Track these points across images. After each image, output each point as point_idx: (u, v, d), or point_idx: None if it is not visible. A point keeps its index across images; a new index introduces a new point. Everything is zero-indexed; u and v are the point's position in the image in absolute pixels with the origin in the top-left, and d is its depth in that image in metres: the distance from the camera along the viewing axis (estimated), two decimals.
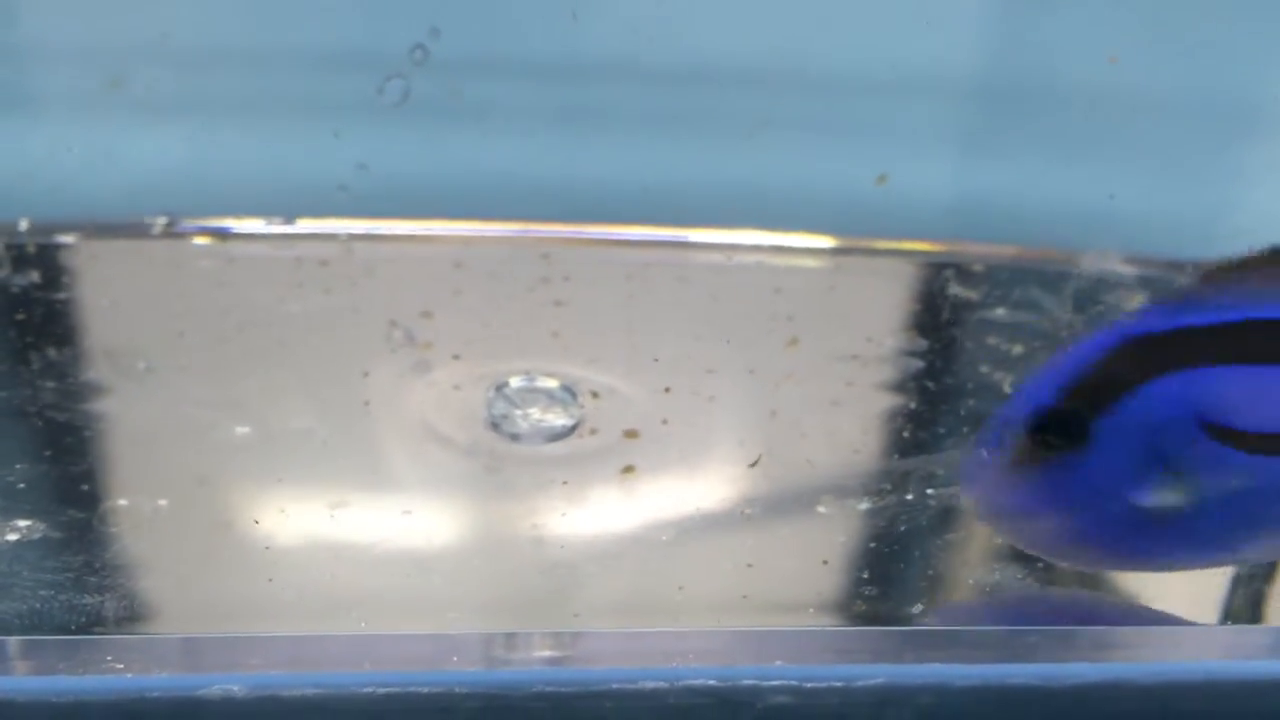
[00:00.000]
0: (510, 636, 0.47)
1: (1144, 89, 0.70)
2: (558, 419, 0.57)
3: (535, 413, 0.57)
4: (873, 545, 0.53)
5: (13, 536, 0.51)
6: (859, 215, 0.71)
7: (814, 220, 0.71)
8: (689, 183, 0.71)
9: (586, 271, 0.68)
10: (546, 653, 0.47)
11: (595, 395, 0.59)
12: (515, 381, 0.59)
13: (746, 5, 0.69)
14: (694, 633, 0.49)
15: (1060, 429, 0.47)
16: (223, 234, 0.70)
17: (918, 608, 0.51)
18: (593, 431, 0.57)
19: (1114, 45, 0.70)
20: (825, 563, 0.52)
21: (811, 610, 0.51)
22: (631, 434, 0.57)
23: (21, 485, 0.53)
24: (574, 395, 0.58)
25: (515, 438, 0.56)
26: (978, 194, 0.73)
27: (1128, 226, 0.71)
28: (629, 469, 0.55)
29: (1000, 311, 0.66)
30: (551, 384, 0.59)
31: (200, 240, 0.69)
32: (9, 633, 0.47)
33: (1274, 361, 0.48)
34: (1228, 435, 0.48)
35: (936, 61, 0.71)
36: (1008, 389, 0.61)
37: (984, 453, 0.48)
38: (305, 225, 0.70)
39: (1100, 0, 0.70)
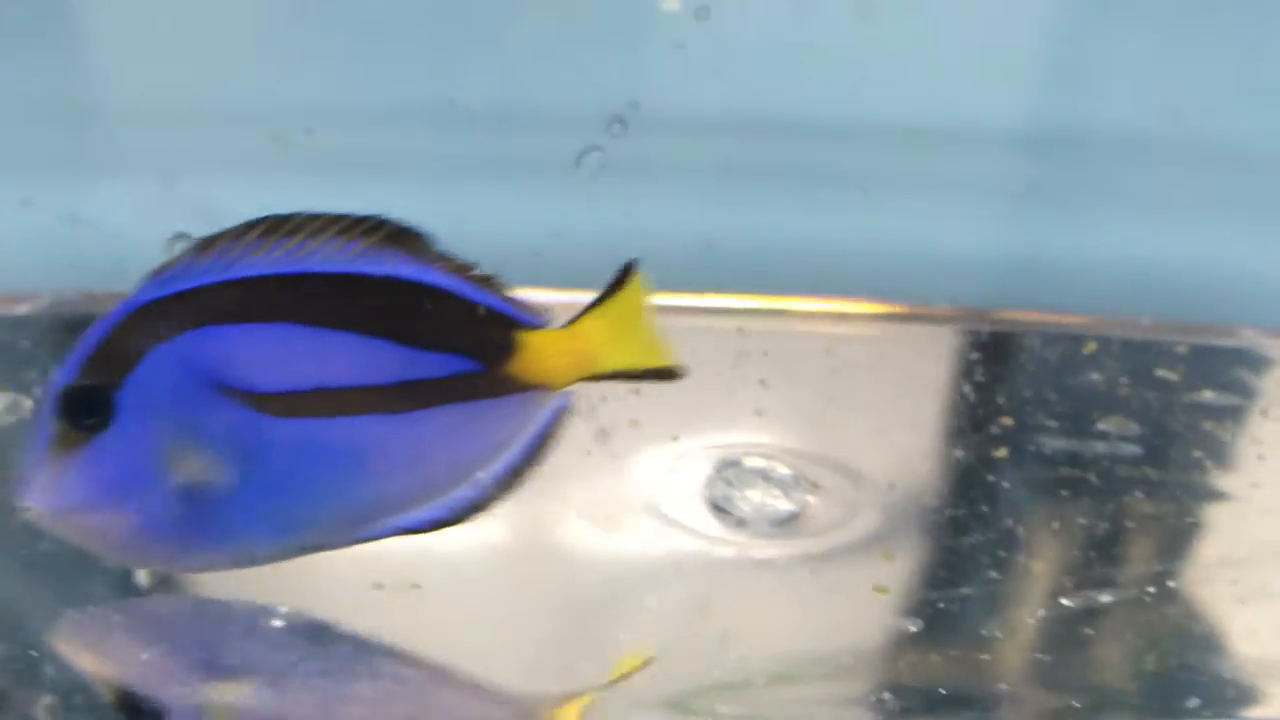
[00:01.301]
0: None
1: (1212, 140, 0.70)
2: (782, 504, 0.56)
3: (757, 496, 0.57)
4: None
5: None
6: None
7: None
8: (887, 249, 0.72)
9: (784, 345, 0.67)
10: None
11: (816, 485, 0.58)
12: (736, 463, 0.58)
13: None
14: None
15: (80, 407, 0.46)
16: None
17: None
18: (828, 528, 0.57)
19: (1183, 94, 0.69)
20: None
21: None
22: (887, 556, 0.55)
23: None
24: (796, 482, 0.57)
25: (741, 523, 0.56)
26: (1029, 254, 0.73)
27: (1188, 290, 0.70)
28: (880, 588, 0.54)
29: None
30: (771, 467, 0.58)
31: None
32: None
33: (276, 319, 0.47)
34: (247, 397, 0.47)
35: (987, 116, 0.70)
36: None
37: (31, 448, 0.47)
38: None
39: (1167, 49, 0.69)
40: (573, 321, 0.50)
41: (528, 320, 0.50)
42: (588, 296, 0.73)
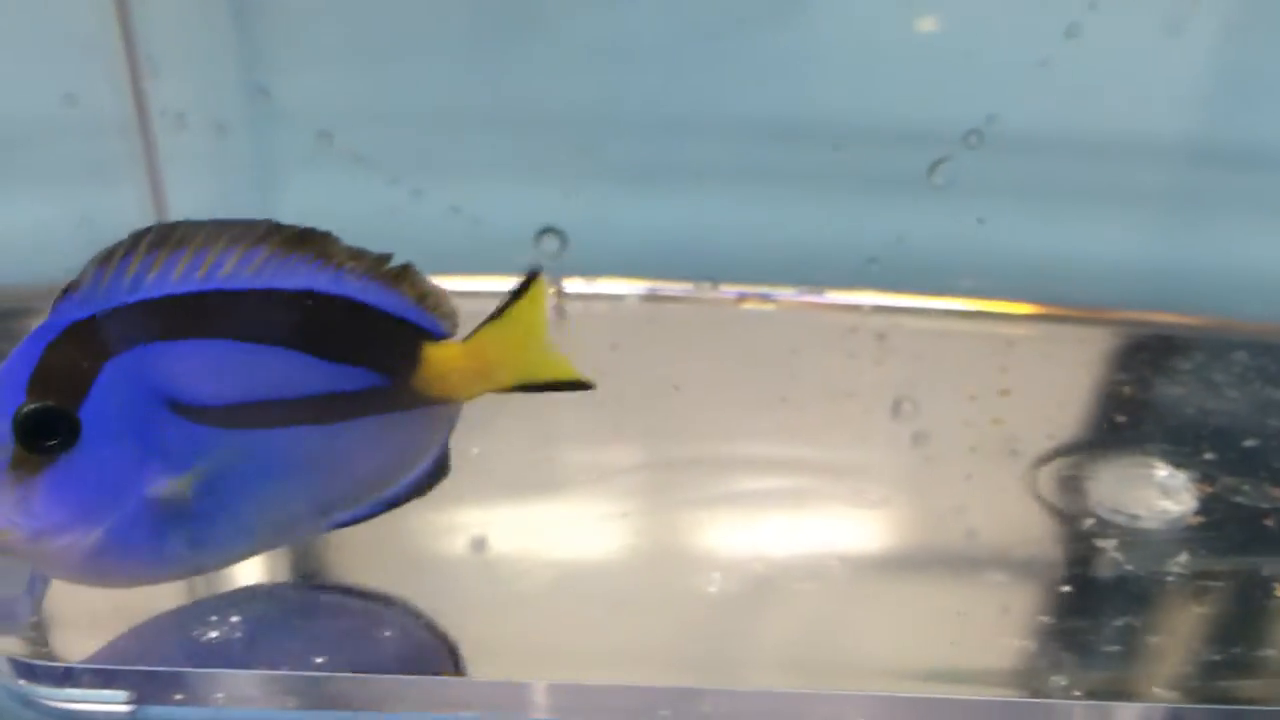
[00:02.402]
0: None
1: None
2: (1175, 506, 0.58)
3: (1149, 498, 0.58)
4: None
5: None
6: None
7: None
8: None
9: (1139, 352, 0.69)
10: None
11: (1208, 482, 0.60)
12: (1117, 466, 0.60)
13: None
14: None
15: (42, 429, 0.46)
16: (764, 299, 0.74)
17: None
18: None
19: None
20: None
21: None
22: None
23: None
24: (1187, 485, 0.59)
25: (1134, 523, 0.57)
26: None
27: None
28: None
29: None
30: (1159, 470, 0.60)
31: (752, 305, 0.72)
32: None
33: (212, 335, 0.48)
34: (195, 412, 0.47)
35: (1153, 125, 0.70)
36: None
37: None
38: (831, 296, 0.74)
39: None
40: (472, 334, 0.51)
41: (434, 329, 0.51)
42: (921, 302, 0.75)
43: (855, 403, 0.66)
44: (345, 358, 0.49)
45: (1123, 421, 0.63)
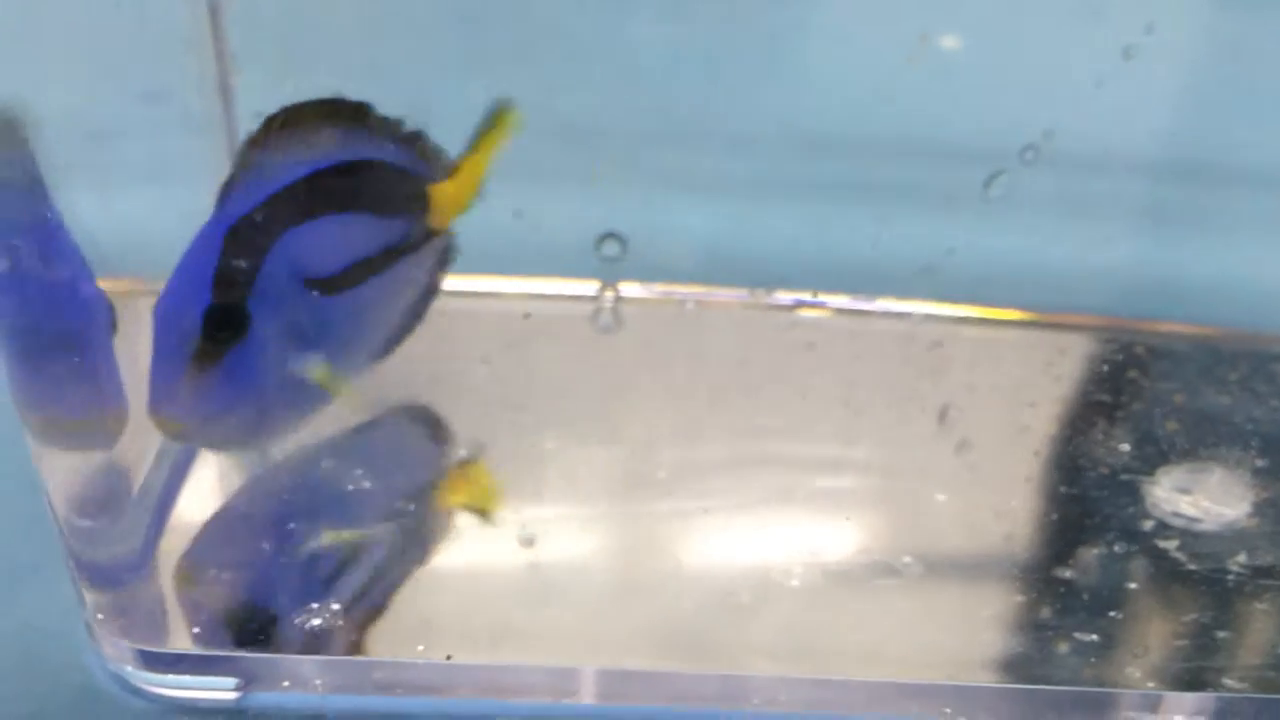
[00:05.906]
0: None
1: None
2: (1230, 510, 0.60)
3: (1203, 502, 0.60)
4: None
5: None
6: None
7: None
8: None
9: (1180, 366, 0.71)
10: None
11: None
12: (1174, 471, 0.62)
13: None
14: None
15: (222, 324, 0.50)
16: (817, 306, 0.75)
17: None
18: None
19: None
20: None
21: None
22: None
23: None
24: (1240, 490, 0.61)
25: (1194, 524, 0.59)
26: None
27: None
28: None
29: None
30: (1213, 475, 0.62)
31: (806, 312, 0.74)
32: None
33: (318, 213, 0.53)
34: (320, 284, 0.53)
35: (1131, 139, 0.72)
36: None
37: (164, 366, 0.50)
38: (883, 304, 0.76)
39: None
40: (456, 170, 0.59)
41: (430, 175, 0.58)
42: (966, 312, 0.77)
43: (913, 407, 0.67)
44: (389, 211, 0.56)
45: (1176, 428, 0.66)
